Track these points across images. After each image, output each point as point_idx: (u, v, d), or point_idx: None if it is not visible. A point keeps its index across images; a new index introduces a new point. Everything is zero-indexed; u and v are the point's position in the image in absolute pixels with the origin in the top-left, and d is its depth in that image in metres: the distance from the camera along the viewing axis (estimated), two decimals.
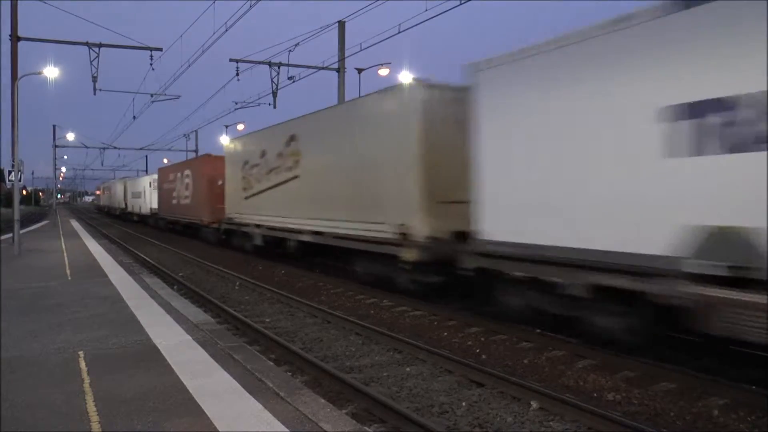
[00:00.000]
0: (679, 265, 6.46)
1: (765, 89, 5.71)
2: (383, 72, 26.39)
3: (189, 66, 23.44)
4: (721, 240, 6.11)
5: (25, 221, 34.49)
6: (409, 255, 10.97)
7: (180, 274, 16.37)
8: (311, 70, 23.79)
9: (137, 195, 46.01)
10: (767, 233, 5.72)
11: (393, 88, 12.13)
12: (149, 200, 41.23)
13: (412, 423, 5.49)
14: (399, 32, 17.30)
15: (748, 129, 5.87)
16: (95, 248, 20.60)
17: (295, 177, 16.41)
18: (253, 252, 20.08)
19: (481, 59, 9.26)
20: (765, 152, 5.73)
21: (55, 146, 61.94)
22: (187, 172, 30.24)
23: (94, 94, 23.98)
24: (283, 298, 12.50)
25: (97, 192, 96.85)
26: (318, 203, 14.96)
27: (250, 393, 5.21)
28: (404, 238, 11.10)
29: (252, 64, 23.72)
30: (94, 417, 4.64)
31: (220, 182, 24.10)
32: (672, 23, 6.59)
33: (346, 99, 24.04)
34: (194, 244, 26.40)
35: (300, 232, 15.80)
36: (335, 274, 15.21)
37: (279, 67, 23.76)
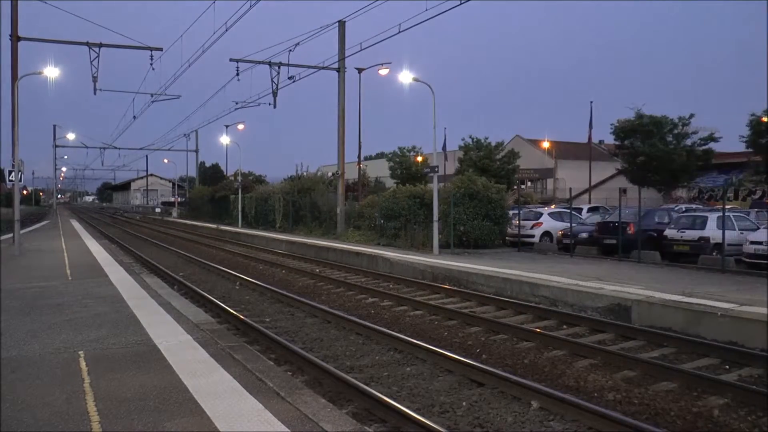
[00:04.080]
0: None
1: None
2: (383, 72, 26.43)
3: (189, 66, 23.60)
4: None
5: (26, 221, 34.48)
6: None
7: (180, 274, 16.36)
8: (311, 70, 23.87)
9: None
10: None
11: None
12: None
13: (412, 423, 5.49)
14: (399, 32, 17.38)
15: None
16: (95, 248, 20.61)
17: None
18: None
19: None
20: None
21: (56, 146, 62.12)
22: None
23: (94, 94, 24.09)
24: (284, 298, 12.50)
25: None
26: None
27: (251, 393, 5.21)
28: None
29: (252, 64, 23.76)
30: (94, 417, 4.64)
31: None
32: None
33: (347, 99, 24.13)
34: (194, 244, 26.21)
35: None
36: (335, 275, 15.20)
37: (279, 67, 23.80)
